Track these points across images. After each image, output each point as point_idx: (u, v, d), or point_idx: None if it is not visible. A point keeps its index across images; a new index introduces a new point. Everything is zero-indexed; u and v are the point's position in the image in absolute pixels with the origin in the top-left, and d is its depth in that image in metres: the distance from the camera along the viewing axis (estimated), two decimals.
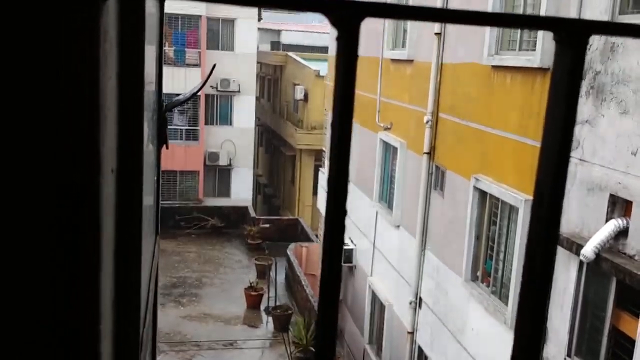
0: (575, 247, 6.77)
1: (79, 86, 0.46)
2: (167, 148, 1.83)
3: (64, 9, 0.45)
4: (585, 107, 6.94)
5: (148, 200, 1.40)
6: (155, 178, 1.75)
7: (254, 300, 18.76)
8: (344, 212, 0.48)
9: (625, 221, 6.30)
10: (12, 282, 0.50)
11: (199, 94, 26.26)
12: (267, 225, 24.56)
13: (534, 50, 7.93)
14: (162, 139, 1.73)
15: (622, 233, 6.32)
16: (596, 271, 6.70)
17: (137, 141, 0.86)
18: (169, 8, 24.43)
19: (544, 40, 7.61)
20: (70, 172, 0.48)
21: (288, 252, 20.59)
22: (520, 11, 8.53)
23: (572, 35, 0.49)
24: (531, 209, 0.54)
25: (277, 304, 18.36)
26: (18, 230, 0.49)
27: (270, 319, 17.88)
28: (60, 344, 0.52)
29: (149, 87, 1.46)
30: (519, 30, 8.51)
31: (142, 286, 1.03)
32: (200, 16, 26.45)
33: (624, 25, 0.51)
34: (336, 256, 0.49)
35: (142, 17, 0.84)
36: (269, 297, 18.62)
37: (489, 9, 8.92)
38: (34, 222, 0.49)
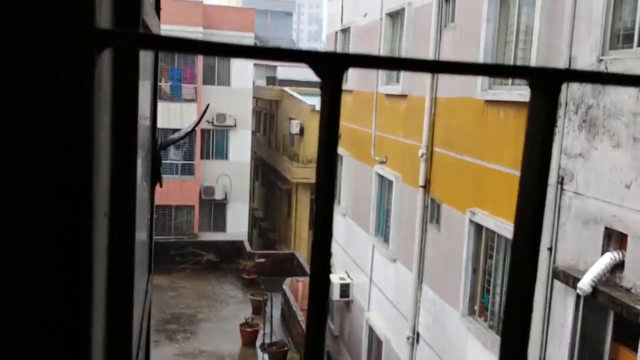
0: (572, 280, 6.76)
1: (72, 135, 0.48)
2: (160, 186, 1.84)
3: (61, 59, 0.47)
4: (578, 140, 7.01)
5: (141, 238, 1.40)
6: (149, 216, 1.75)
7: (249, 337, 18.53)
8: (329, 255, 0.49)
9: (621, 254, 6.30)
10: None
11: (195, 128, 26.38)
12: (263, 260, 24.42)
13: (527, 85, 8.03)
14: (156, 177, 1.74)
15: (618, 266, 6.31)
16: (593, 305, 6.67)
17: (129, 185, 0.87)
18: None
19: None
20: (64, 218, 0.49)
21: (284, 286, 20.44)
22: (512, 47, 8.67)
23: (546, 83, 0.51)
24: (511, 255, 0.56)
25: (273, 340, 18.14)
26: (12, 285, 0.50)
27: (266, 356, 17.63)
28: None
29: (143, 125, 1.48)
30: (512, 63, 8.63)
31: (133, 326, 1.02)
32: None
33: (596, 74, 0.53)
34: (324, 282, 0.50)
35: (135, 66, 0.86)
36: (264, 333, 18.40)
37: (481, 45, 9.06)
38: (25, 271, 0.49)
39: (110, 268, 0.73)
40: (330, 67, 0.47)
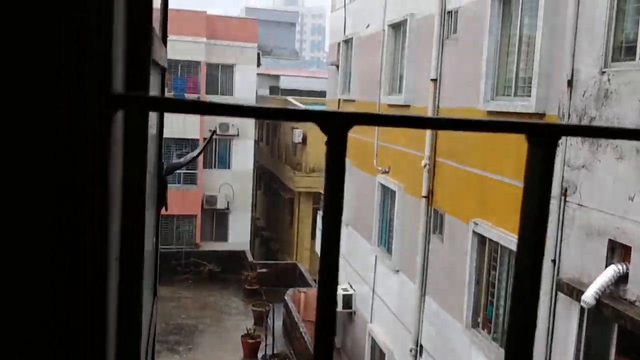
0: (575, 292, 6.73)
1: (89, 184, 0.50)
2: (166, 210, 1.85)
3: (78, 123, 0.49)
4: (581, 152, 7.00)
5: (149, 264, 1.41)
6: (154, 240, 1.76)
7: (251, 348, 18.47)
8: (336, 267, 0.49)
9: (625, 266, 6.28)
10: None
11: (197, 137, 26.46)
12: (265, 270, 24.38)
13: (529, 96, 8.05)
14: (162, 202, 1.74)
15: (622, 278, 6.29)
16: (597, 318, 6.64)
17: (139, 229, 0.89)
18: (169, 54, 24.79)
19: (539, 86, 7.73)
20: (80, 261, 0.51)
21: (286, 297, 20.39)
22: (514, 59, 8.68)
23: (543, 137, 0.51)
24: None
25: (275, 351, 18.08)
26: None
27: None
28: None
29: (150, 151, 1.49)
30: (514, 76, 8.66)
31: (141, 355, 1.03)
32: (199, 62, 26.86)
33: (592, 128, 0.53)
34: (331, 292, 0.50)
35: (145, 121, 0.89)
36: (266, 345, 18.34)
37: (484, 57, 9.07)
38: (37, 321, 0.51)
39: (120, 305, 0.74)
40: (336, 125, 0.48)
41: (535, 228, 0.52)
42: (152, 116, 1.49)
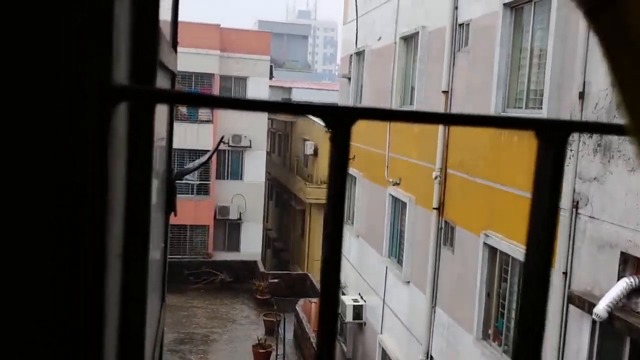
0: (587, 305, 6.67)
1: (88, 183, 0.50)
2: (175, 215, 1.86)
3: (78, 114, 0.49)
4: (593, 164, 6.97)
5: (156, 268, 1.42)
6: (163, 244, 1.77)
7: (262, 358, 18.42)
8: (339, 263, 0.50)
9: (637, 279, 6.22)
10: None
11: (210, 148, 26.56)
12: (276, 280, 24.35)
13: (541, 108, 8.03)
14: (170, 207, 1.76)
15: (634, 291, 6.23)
16: (609, 331, 6.57)
17: (143, 229, 0.90)
18: (182, 66, 24.96)
19: (550, 98, 7.72)
20: (78, 263, 0.51)
21: (297, 307, 20.33)
22: (525, 72, 8.67)
23: (553, 134, 0.52)
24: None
25: None
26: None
27: None
28: None
29: (159, 154, 1.51)
30: (525, 88, 8.64)
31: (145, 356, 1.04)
32: (213, 74, 27.03)
33: (603, 125, 0.54)
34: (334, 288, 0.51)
35: (152, 116, 0.89)
36: (277, 355, 18.29)
37: (495, 69, 9.07)
38: (37, 314, 0.51)
39: (122, 305, 0.74)
40: (340, 119, 0.49)
41: (544, 227, 0.52)
42: (162, 121, 1.51)
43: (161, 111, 1.51)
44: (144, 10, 0.85)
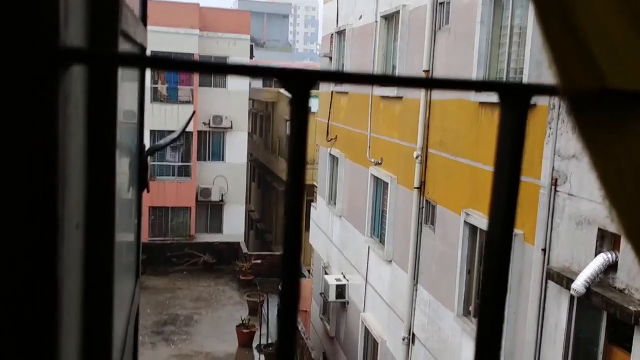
0: (565, 281, 6.78)
1: (34, 145, 0.49)
2: (148, 192, 1.84)
3: (22, 78, 0.48)
4: (571, 142, 7.03)
5: (126, 243, 1.40)
6: (136, 221, 1.76)
7: (246, 338, 18.53)
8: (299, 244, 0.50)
9: (614, 255, 6.32)
10: None
11: (191, 130, 26.38)
12: (259, 261, 24.42)
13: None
14: (143, 184, 1.74)
15: (611, 267, 6.33)
16: (587, 306, 6.69)
17: (107, 196, 0.87)
18: (161, 46, 24.70)
19: (530, 76, 7.75)
20: (29, 231, 0.50)
21: (280, 288, 20.40)
22: (505, 49, 8.69)
23: (516, 97, 0.52)
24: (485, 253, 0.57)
25: (270, 341, 18.14)
26: None
27: (263, 357, 17.63)
28: None
29: (129, 131, 1.48)
30: (505, 67, 8.67)
31: (116, 337, 1.02)
32: (192, 54, 26.75)
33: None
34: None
35: (113, 82, 0.87)
36: (261, 334, 18.41)
37: (475, 47, 9.08)
38: None
39: (87, 277, 0.73)
40: (299, 83, 0.49)
41: (507, 193, 0.52)
42: (131, 96, 1.48)
43: (130, 87, 1.48)
44: None
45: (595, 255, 6.49)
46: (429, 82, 0.50)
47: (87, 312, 0.73)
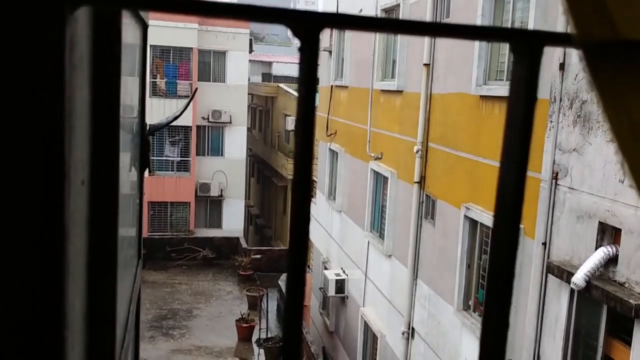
0: (566, 275, 6.77)
1: (39, 95, 0.47)
2: (150, 172, 1.83)
3: (24, 20, 0.46)
4: (572, 135, 7.02)
5: (129, 222, 1.39)
6: (138, 201, 1.74)
7: (245, 332, 18.54)
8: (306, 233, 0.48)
9: (614, 248, 6.31)
10: None
11: (190, 125, 26.34)
12: (259, 256, 24.43)
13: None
14: (145, 163, 1.73)
15: (612, 260, 6.33)
16: (587, 299, 6.68)
17: (112, 152, 0.86)
18: (160, 40, 24.65)
19: None
20: (33, 183, 0.49)
21: (279, 282, 20.46)
22: (506, 45, 8.65)
23: (527, 45, 0.50)
24: (493, 217, 0.55)
25: (269, 335, 18.16)
26: None
27: (262, 351, 17.64)
28: None
29: (131, 111, 1.47)
30: (506, 60, 8.64)
31: (118, 307, 1.01)
32: (191, 48, 26.69)
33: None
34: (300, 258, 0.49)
35: (117, 30, 0.85)
36: (260, 329, 18.42)
37: (476, 45, 9.05)
38: None
39: (91, 237, 0.72)
40: (307, 26, 0.47)
41: (521, 141, 0.50)
42: (133, 82, 1.47)
43: (132, 82, 1.46)
44: None
45: (596, 248, 6.48)
46: (436, 28, 0.49)
47: (92, 269, 0.72)
